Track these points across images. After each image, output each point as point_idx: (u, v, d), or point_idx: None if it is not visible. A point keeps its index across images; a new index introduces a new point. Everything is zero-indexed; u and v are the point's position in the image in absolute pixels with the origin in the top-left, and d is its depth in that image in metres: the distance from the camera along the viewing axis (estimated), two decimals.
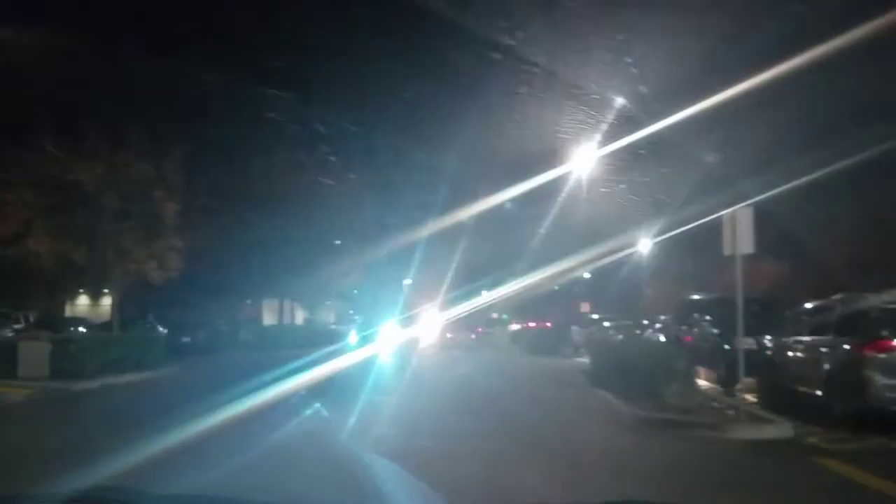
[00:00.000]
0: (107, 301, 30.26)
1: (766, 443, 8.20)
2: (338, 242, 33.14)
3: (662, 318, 27.99)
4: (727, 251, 9.10)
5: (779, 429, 8.59)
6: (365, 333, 19.01)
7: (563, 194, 21.11)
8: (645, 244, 32.91)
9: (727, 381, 13.06)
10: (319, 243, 30.35)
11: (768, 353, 11.80)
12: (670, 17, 10.89)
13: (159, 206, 16.56)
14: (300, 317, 38.17)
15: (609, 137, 14.64)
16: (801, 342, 10.61)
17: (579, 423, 9.58)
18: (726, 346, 13.35)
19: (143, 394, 13.10)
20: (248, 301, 36.98)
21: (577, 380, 14.70)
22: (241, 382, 11.05)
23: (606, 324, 26.23)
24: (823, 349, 9.70)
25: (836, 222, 21.32)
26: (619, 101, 13.09)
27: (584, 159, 17.08)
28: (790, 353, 10.96)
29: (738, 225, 8.93)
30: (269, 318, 36.65)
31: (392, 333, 19.58)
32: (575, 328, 28.78)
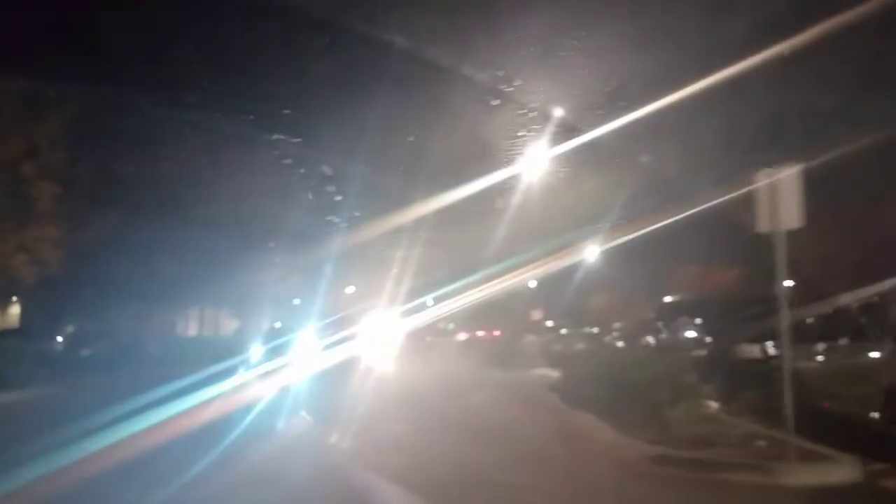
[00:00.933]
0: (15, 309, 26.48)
1: (835, 491, 5.82)
2: (272, 245, 29.95)
3: (617, 325, 26.29)
4: (763, 226, 6.68)
5: (843, 469, 6.21)
6: (276, 345, 15.96)
7: (511, 201, 19.67)
8: (593, 252, 32.20)
9: (725, 398, 10.79)
10: (251, 246, 27.13)
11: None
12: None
13: (31, 187, 13.27)
14: (230, 326, 34.70)
15: (555, 142, 13.78)
16: (838, 349, 8.33)
17: (573, 463, 6.96)
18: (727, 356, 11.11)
19: None
20: (179, 308, 33.37)
21: (547, 399, 12.10)
22: (108, 412, 8.21)
23: (563, 331, 24.05)
24: (878, 359, 7.41)
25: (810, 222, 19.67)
26: (564, 107, 12.29)
27: (530, 166, 15.80)
28: (820, 364, 8.69)
29: (781, 192, 6.55)
30: (193, 328, 33.08)
31: (315, 345, 16.68)
32: (530, 337, 26.46)
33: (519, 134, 12.93)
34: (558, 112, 12.15)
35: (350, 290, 48.51)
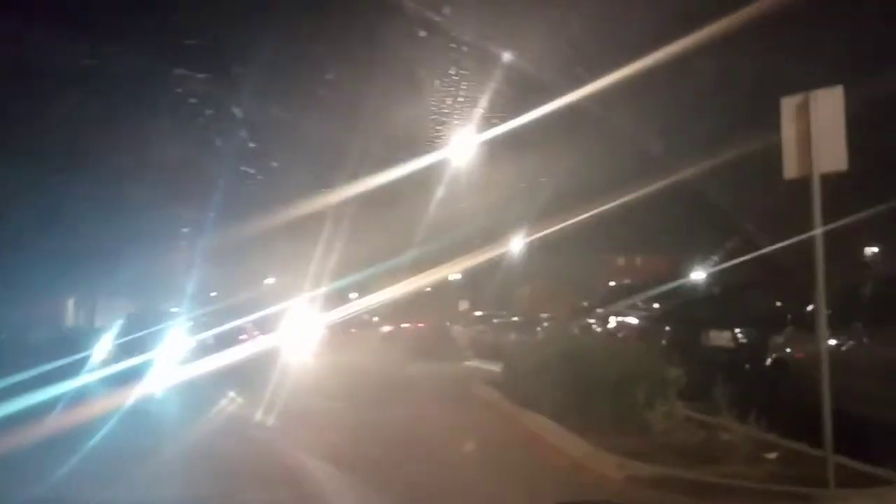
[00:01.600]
0: None
1: None
2: (185, 230, 26.68)
3: (546, 315, 24.97)
4: (792, 172, 4.99)
5: None
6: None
7: (437, 189, 18.48)
8: (518, 242, 31.44)
9: (698, 393, 9.20)
10: (154, 218, 23.79)
11: (773, 354, 7.97)
12: None
13: None
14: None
15: (483, 126, 13.04)
16: (847, 335, 6.79)
17: (538, 489, 5.05)
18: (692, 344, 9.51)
19: None
20: (72, 296, 29.79)
21: (489, 396, 10.14)
22: None
23: (496, 321, 22.41)
24: None
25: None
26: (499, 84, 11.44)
27: (457, 149, 14.92)
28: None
29: (818, 120, 4.87)
30: (85, 317, 29.58)
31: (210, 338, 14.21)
32: (457, 328, 24.67)
33: (449, 72, 11.01)
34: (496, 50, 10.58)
35: (269, 280, 45.87)
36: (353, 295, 36.13)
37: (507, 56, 10.61)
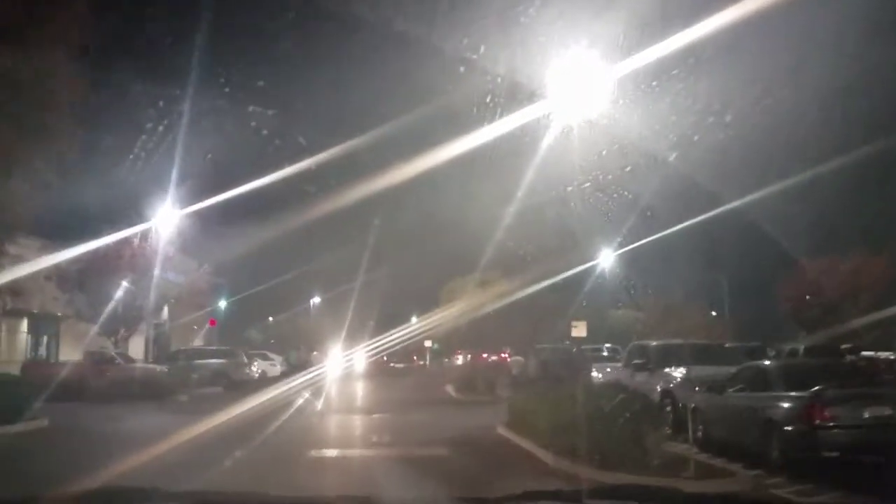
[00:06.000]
0: None
1: None
2: None
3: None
4: None
5: None
6: None
7: (525, 180, 14.93)
8: (608, 254, 24.34)
9: None
10: None
11: None
12: None
13: None
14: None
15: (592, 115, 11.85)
16: None
17: None
18: None
19: None
20: None
21: None
22: None
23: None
24: None
25: None
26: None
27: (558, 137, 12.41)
28: None
29: None
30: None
31: None
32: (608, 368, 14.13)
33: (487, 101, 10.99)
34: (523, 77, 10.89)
35: (316, 300, 40.33)
36: (413, 319, 28.30)
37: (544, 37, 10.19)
